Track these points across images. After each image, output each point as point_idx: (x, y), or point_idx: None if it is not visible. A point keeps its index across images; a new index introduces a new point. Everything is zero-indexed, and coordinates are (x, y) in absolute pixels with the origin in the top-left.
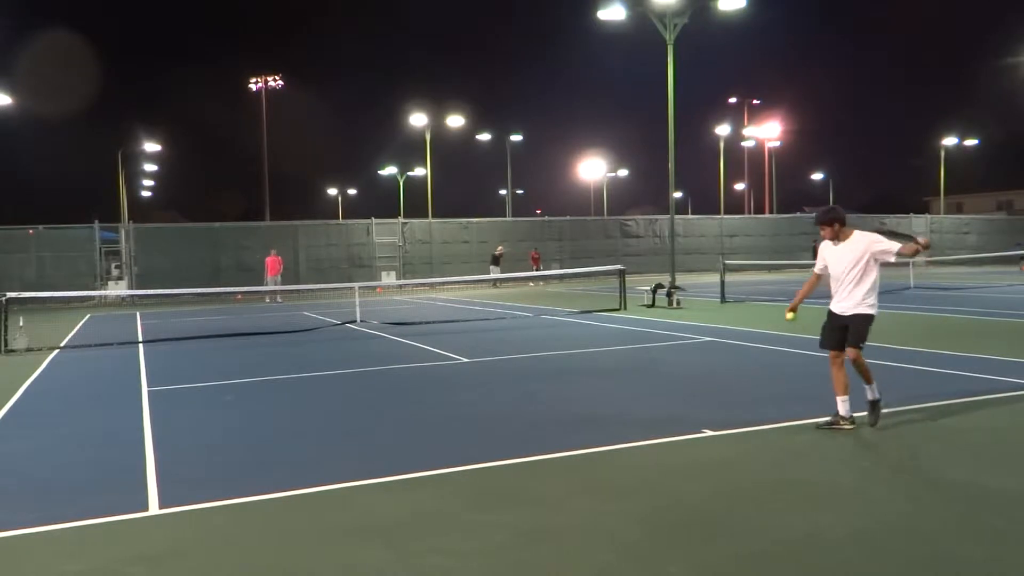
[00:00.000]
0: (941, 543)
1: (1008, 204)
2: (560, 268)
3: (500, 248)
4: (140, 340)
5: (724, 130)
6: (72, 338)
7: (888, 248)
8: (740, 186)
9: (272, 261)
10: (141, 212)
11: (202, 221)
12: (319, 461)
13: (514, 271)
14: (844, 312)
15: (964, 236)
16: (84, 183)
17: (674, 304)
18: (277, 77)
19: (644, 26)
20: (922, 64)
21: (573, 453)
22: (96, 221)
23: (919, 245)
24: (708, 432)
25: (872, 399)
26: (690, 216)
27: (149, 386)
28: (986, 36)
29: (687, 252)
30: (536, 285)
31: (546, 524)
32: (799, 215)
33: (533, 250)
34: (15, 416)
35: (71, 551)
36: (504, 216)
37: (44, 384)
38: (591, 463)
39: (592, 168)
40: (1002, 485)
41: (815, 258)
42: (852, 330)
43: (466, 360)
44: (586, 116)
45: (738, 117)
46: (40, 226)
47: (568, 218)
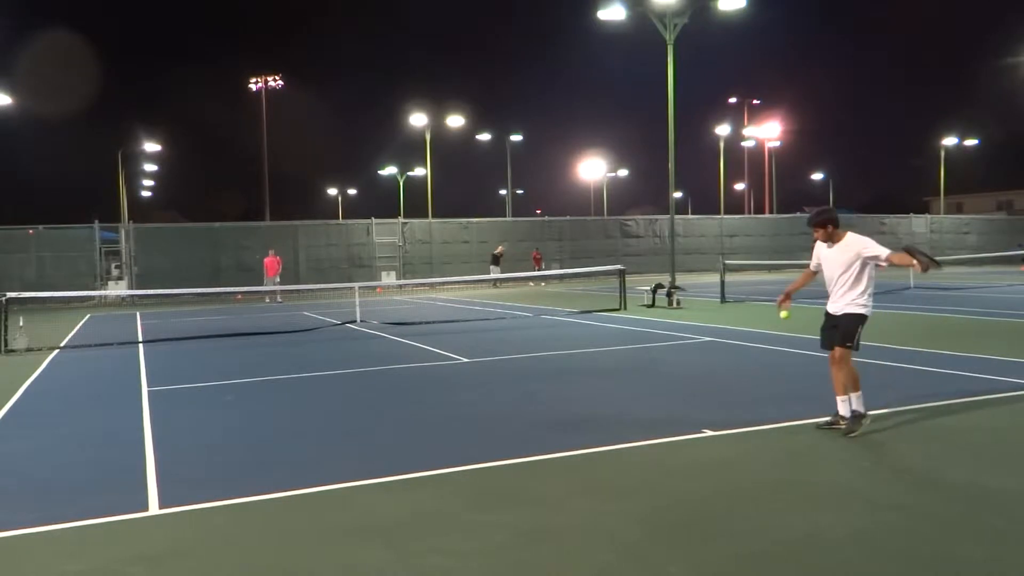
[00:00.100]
0: (941, 543)
1: (1008, 204)
2: (560, 268)
3: (500, 248)
4: (140, 340)
5: (724, 130)
6: (72, 338)
7: (877, 254)
8: (740, 186)
9: (271, 262)
10: (141, 212)
11: (202, 221)
12: (319, 461)
13: (514, 271)
14: (836, 312)
15: (964, 236)
16: (84, 183)
17: (674, 304)
18: (277, 77)
19: (644, 26)
20: (922, 64)
21: (573, 453)
22: (96, 221)
23: (921, 263)
24: (708, 432)
25: (855, 411)
26: (690, 216)
27: (149, 386)
28: (986, 36)
29: (687, 252)
30: (537, 285)
31: (546, 524)
32: (799, 215)
33: (535, 250)
34: (15, 416)
35: (71, 551)
36: (504, 216)
37: (44, 384)
38: (591, 463)
39: (592, 168)
40: (1002, 485)
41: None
42: (841, 329)
43: (466, 360)
44: (586, 116)
45: (738, 117)
46: (40, 226)
47: (568, 218)
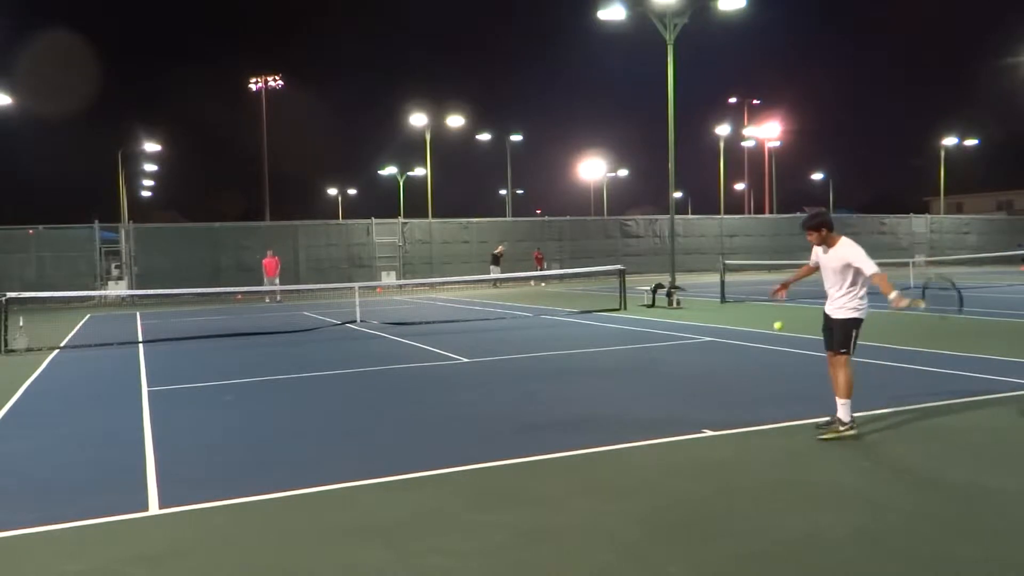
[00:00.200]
0: (941, 543)
1: (1008, 204)
2: (560, 268)
3: (500, 248)
4: (140, 340)
5: (724, 130)
6: (72, 338)
7: (862, 267)
8: (740, 186)
9: (269, 262)
10: (141, 212)
11: (202, 221)
12: (319, 461)
13: (514, 271)
14: (832, 315)
15: (964, 236)
16: (84, 183)
17: (674, 304)
18: (277, 77)
19: (644, 26)
20: (922, 64)
21: (573, 453)
22: (96, 221)
23: (898, 299)
24: (708, 432)
25: (838, 418)
26: (690, 216)
27: (149, 386)
28: (986, 36)
29: (687, 252)
30: (537, 285)
31: (546, 524)
32: (799, 215)
33: (536, 250)
34: (15, 416)
35: (71, 551)
36: (504, 216)
37: (44, 384)
38: (591, 463)
39: (592, 168)
40: (1002, 485)
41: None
42: (836, 334)
43: (466, 360)
44: (586, 116)
45: (738, 117)
46: (40, 226)
47: (568, 218)
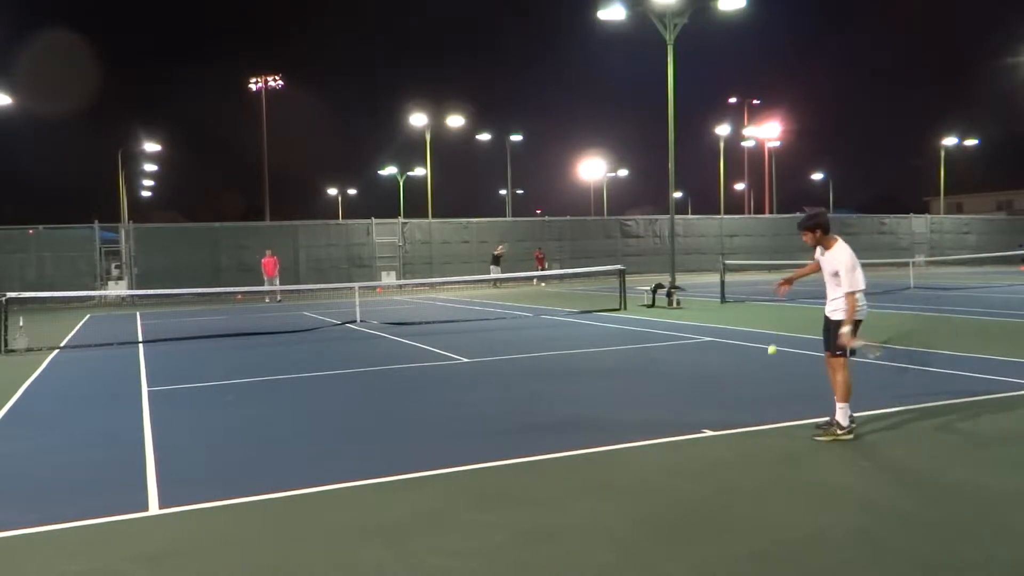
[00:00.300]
0: (941, 543)
1: (1008, 204)
2: (560, 268)
3: (500, 248)
4: (140, 340)
5: (724, 130)
6: (72, 338)
7: (843, 278)
8: (740, 186)
9: (268, 262)
10: (141, 212)
11: (202, 221)
12: (319, 461)
13: (514, 271)
14: (830, 316)
15: (964, 236)
16: (84, 183)
17: (674, 304)
18: (277, 77)
19: (644, 26)
20: (922, 64)
21: (573, 453)
22: (96, 221)
23: (846, 337)
24: (708, 432)
25: (836, 420)
26: (690, 216)
27: (149, 386)
28: (986, 36)
29: (687, 252)
30: (537, 284)
31: (546, 524)
32: (799, 215)
33: (537, 250)
34: (15, 416)
35: (71, 551)
36: (504, 216)
37: (44, 384)
38: (591, 463)
39: (592, 168)
40: (1002, 485)
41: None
42: (831, 337)
43: (466, 360)
44: (586, 116)
45: (738, 117)
46: (40, 226)
47: (568, 218)
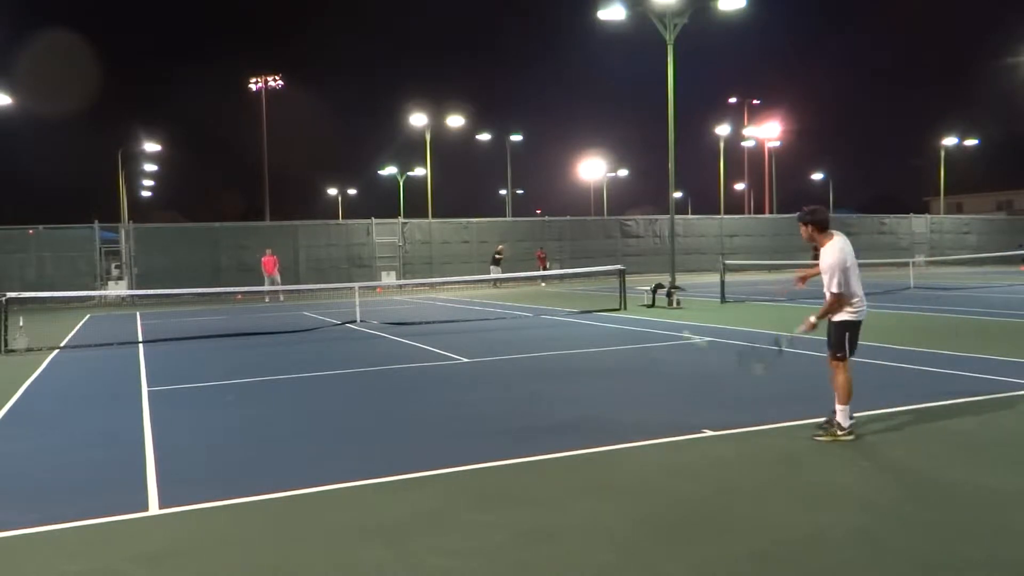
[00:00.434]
0: (941, 543)
1: (1008, 204)
2: (560, 268)
3: (500, 247)
4: (140, 340)
5: (724, 130)
6: (72, 338)
7: (827, 278)
8: (740, 186)
9: (268, 261)
10: (141, 212)
11: (202, 221)
12: (319, 461)
13: (514, 271)
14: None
15: (964, 236)
16: (84, 183)
17: (674, 304)
18: (277, 77)
19: (644, 26)
20: (922, 64)
21: (573, 453)
22: (96, 221)
23: (807, 324)
24: (708, 432)
25: (836, 421)
26: (690, 216)
27: (149, 386)
28: (986, 36)
29: (687, 252)
30: (537, 284)
31: (546, 524)
32: (797, 221)
33: (539, 249)
34: (15, 416)
35: (71, 551)
36: (504, 216)
37: (44, 384)
38: (591, 463)
39: (592, 168)
40: (1002, 485)
41: (815, 259)
42: (830, 337)
43: (466, 360)
44: (586, 116)
45: (738, 117)
46: (40, 226)
47: (568, 218)
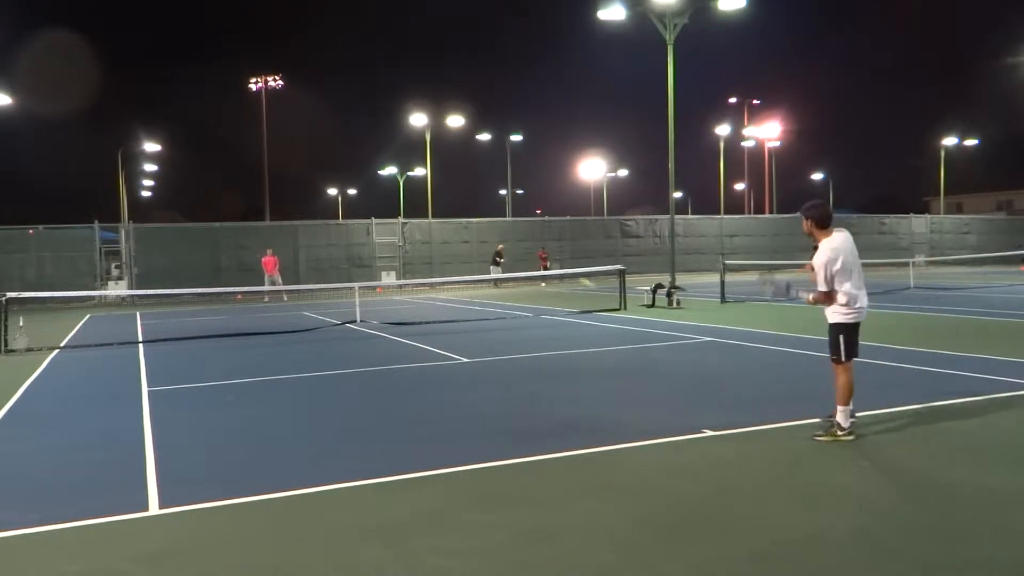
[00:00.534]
0: (941, 543)
1: (1008, 204)
2: (560, 268)
3: (500, 247)
4: (140, 340)
5: (724, 130)
6: (72, 338)
7: (816, 277)
8: (740, 186)
9: (268, 261)
10: (141, 212)
11: (202, 221)
12: (319, 461)
13: (514, 271)
14: (826, 316)
15: (964, 236)
16: (84, 183)
17: (674, 304)
18: (277, 77)
19: (644, 26)
20: (922, 64)
21: (573, 453)
22: (96, 221)
23: (809, 299)
24: (708, 432)
25: (836, 421)
26: (690, 216)
27: (149, 386)
28: (986, 36)
29: (687, 252)
30: (541, 285)
31: (546, 524)
32: (799, 215)
33: (540, 249)
34: (15, 416)
35: (71, 551)
36: (504, 216)
37: (44, 384)
38: (591, 463)
39: (592, 168)
40: (1002, 485)
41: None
42: (828, 339)
43: (466, 360)
44: (586, 116)
45: (738, 117)
46: (40, 226)
47: (568, 218)
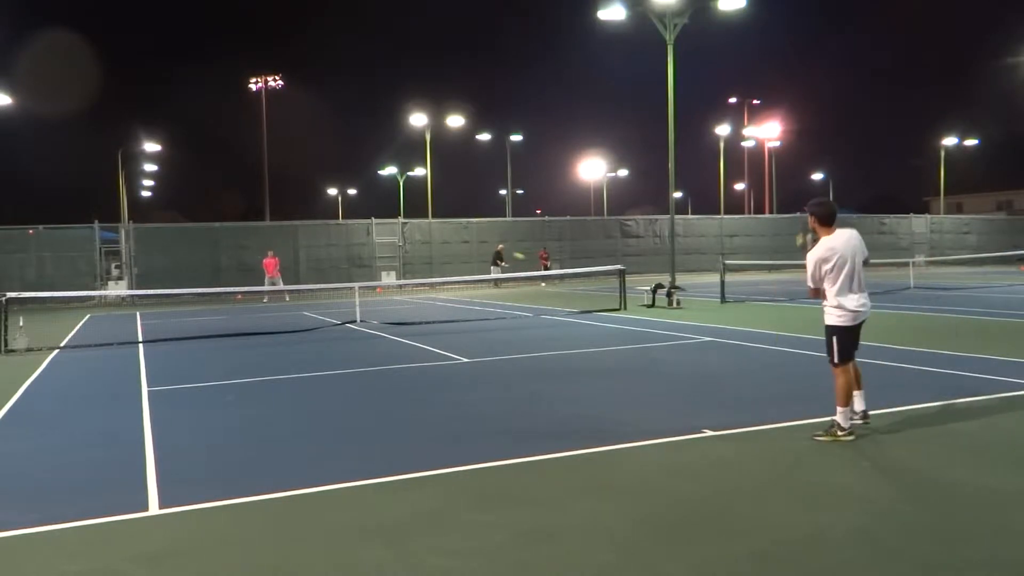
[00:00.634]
0: (941, 543)
1: (1008, 204)
2: (560, 268)
3: (500, 247)
4: (140, 340)
5: (724, 130)
6: (72, 338)
7: (807, 272)
8: (740, 186)
9: (269, 262)
10: (141, 212)
11: (202, 221)
12: (319, 461)
13: (514, 271)
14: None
15: (964, 236)
16: (84, 183)
17: (674, 304)
18: (277, 77)
19: (644, 26)
20: (922, 64)
21: (573, 453)
22: (96, 221)
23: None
24: (708, 432)
25: (836, 421)
26: (690, 216)
27: (149, 386)
28: (986, 36)
29: (687, 252)
30: (541, 285)
31: (546, 524)
32: (799, 215)
33: (542, 249)
34: (15, 416)
35: (71, 551)
36: (504, 216)
37: (44, 384)
38: (591, 463)
39: (592, 168)
40: (1002, 485)
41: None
42: (827, 343)
43: (466, 360)
44: (586, 116)
45: (738, 117)
46: (40, 226)
47: (568, 218)
